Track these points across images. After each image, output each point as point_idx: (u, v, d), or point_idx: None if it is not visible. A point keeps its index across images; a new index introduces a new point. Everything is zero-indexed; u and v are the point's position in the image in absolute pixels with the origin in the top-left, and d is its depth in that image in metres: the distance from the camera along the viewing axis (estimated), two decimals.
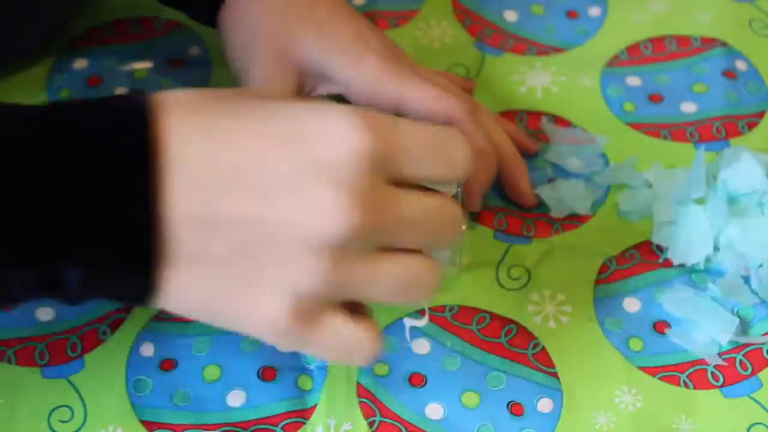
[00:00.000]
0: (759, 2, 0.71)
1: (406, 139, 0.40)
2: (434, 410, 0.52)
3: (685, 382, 0.54)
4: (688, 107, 0.65)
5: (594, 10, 0.70)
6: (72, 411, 0.52)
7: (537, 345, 0.55)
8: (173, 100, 0.39)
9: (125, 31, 0.68)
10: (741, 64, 0.67)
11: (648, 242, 0.59)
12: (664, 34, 0.69)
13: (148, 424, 0.51)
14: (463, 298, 0.56)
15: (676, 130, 0.64)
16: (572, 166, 0.62)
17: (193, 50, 0.67)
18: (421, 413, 0.52)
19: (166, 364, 0.53)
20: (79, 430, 0.51)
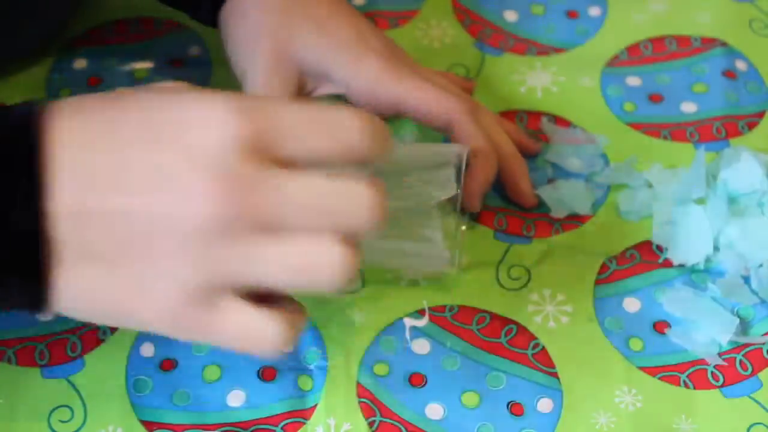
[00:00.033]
0: (759, 2, 0.71)
1: (284, 119, 0.39)
2: (434, 410, 0.52)
3: (685, 382, 0.54)
4: (688, 107, 0.65)
5: (594, 10, 0.70)
6: (72, 411, 0.52)
7: (537, 345, 0.55)
8: (57, 106, 0.40)
9: (125, 31, 0.68)
10: (741, 64, 0.67)
11: (648, 242, 0.59)
12: (664, 34, 0.69)
13: (148, 424, 0.51)
14: (463, 298, 0.56)
15: (676, 130, 0.64)
16: (572, 166, 0.62)
17: (193, 50, 0.67)
18: (421, 413, 0.52)
19: (166, 364, 0.53)
20: (79, 430, 0.51)
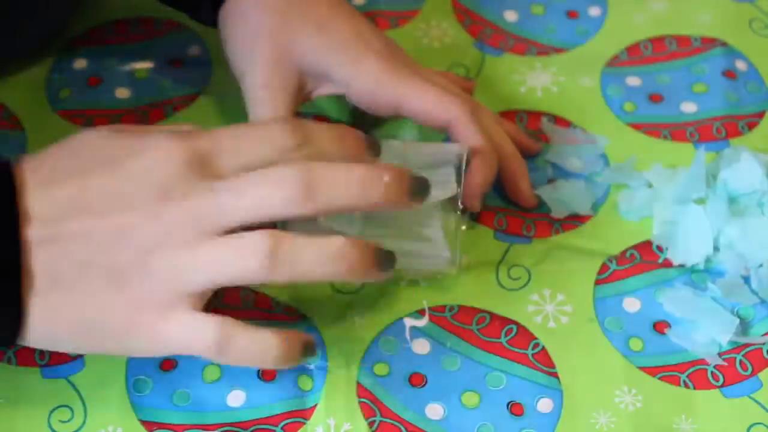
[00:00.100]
0: (759, 2, 0.71)
1: (219, 138, 0.46)
2: (434, 410, 0.52)
3: (685, 382, 0.54)
4: (688, 107, 0.65)
5: (594, 10, 0.70)
6: (72, 411, 0.52)
7: (537, 345, 0.55)
8: (26, 156, 0.46)
9: (125, 31, 0.68)
10: (741, 64, 0.67)
11: (648, 242, 0.59)
12: (664, 34, 0.69)
13: (148, 424, 0.51)
14: (463, 298, 0.56)
15: (676, 130, 0.64)
16: (572, 167, 0.62)
17: (193, 50, 0.67)
18: (421, 413, 0.52)
19: (166, 364, 0.53)
20: (79, 430, 0.51)
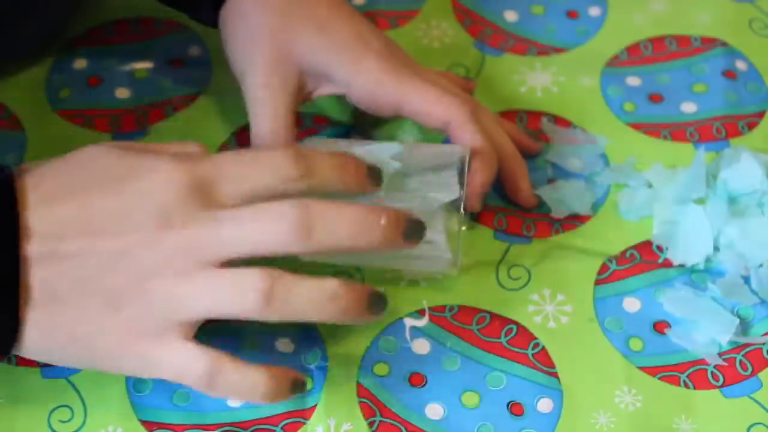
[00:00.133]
0: (759, 2, 0.71)
1: (221, 165, 0.46)
2: (434, 410, 0.52)
3: (685, 382, 0.54)
4: (688, 107, 0.65)
5: (594, 10, 0.70)
6: (72, 411, 0.52)
7: (537, 345, 0.55)
8: (25, 167, 0.46)
9: (125, 31, 0.68)
10: (741, 64, 0.67)
11: (648, 242, 0.59)
12: (664, 34, 0.69)
13: (148, 424, 0.51)
14: (463, 298, 0.56)
15: (676, 130, 0.64)
16: (572, 167, 0.62)
17: (193, 50, 0.67)
18: (421, 413, 0.52)
19: None
20: (79, 430, 0.51)
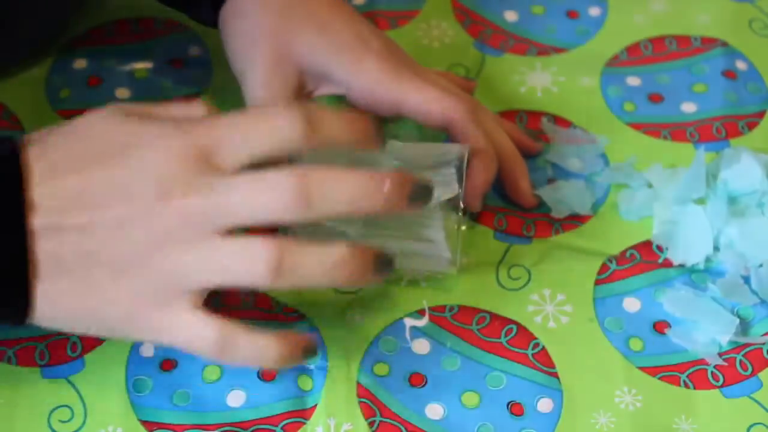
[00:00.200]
0: (759, 2, 0.71)
1: (219, 129, 0.44)
2: (434, 410, 0.52)
3: (685, 382, 0.54)
4: (688, 107, 0.65)
5: (594, 10, 0.70)
6: (72, 411, 0.52)
7: (537, 345, 0.55)
8: (27, 139, 0.45)
9: (125, 31, 0.68)
10: (741, 64, 0.67)
11: (648, 242, 0.59)
12: (664, 34, 0.69)
13: (148, 424, 0.51)
14: (463, 298, 0.56)
15: (676, 130, 0.64)
16: (572, 167, 0.62)
17: (193, 50, 0.67)
18: (421, 413, 0.52)
19: (166, 364, 0.53)
20: (79, 430, 0.51)
